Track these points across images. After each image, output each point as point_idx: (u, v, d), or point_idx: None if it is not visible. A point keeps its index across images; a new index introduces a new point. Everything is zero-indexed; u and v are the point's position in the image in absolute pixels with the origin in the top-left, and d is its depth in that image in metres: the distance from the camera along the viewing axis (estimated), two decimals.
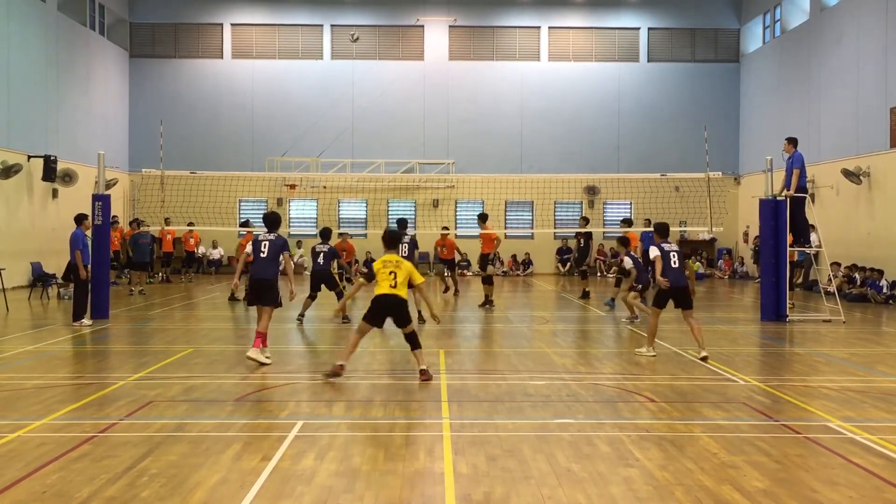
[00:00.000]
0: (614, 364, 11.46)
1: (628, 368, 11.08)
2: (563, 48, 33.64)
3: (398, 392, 9.30)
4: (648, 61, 33.67)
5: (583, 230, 21.84)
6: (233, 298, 19.71)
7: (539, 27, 33.53)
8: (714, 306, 20.61)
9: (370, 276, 10.08)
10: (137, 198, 30.19)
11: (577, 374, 10.46)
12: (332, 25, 33.36)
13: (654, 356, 11.65)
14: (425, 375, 9.81)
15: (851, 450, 6.93)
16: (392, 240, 10.40)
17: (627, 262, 16.11)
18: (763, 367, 11.44)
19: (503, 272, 31.84)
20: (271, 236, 11.33)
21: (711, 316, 17.85)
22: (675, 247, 11.75)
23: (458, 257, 20.34)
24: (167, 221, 18.73)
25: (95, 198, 16.28)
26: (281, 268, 11.22)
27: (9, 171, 22.85)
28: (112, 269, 23.74)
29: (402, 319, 9.85)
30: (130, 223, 25.57)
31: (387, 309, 9.84)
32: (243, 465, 6.46)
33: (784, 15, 30.07)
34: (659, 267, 11.45)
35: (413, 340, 9.95)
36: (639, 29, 33.70)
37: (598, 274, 31.96)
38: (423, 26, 33.30)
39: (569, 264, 31.87)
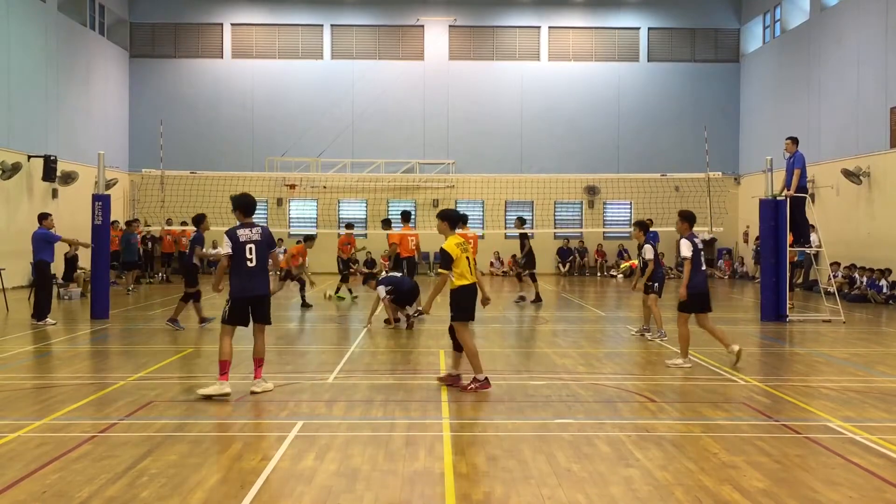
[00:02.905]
0: (614, 364, 11.45)
1: (628, 368, 11.08)
2: (563, 48, 33.63)
3: (398, 392, 9.30)
4: (648, 61, 33.67)
5: (520, 231, 20.10)
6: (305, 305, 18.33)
7: (539, 27, 33.53)
8: (714, 306, 20.59)
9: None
10: (137, 198, 30.19)
11: (577, 374, 10.46)
12: (332, 25, 33.37)
13: (690, 367, 10.83)
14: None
15: (851, 450, 6.93)
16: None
17: (649, 252, 13.60)
18: (763, 367, 11.44)
19: (503, 272, 31.83)
20: (255, 234, 8.97)
21: (711, 316, 17.83)
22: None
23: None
24: (168, 222, 18.72)
25: (95, 198, 16.28)
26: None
27: (10, 172, 22.86)
28: (112, 269, 23.75)
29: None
30: (128, 223, 25.61)
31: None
32: (243, 465, 6.46)
33: (784, 15, 30.07)
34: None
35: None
36: (639, 29, 33.70)
37: (599, 274, 31.98)
38: (423, 26, 33.30)
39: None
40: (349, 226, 21.69)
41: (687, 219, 11.18)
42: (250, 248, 8.84)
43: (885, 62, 23.14)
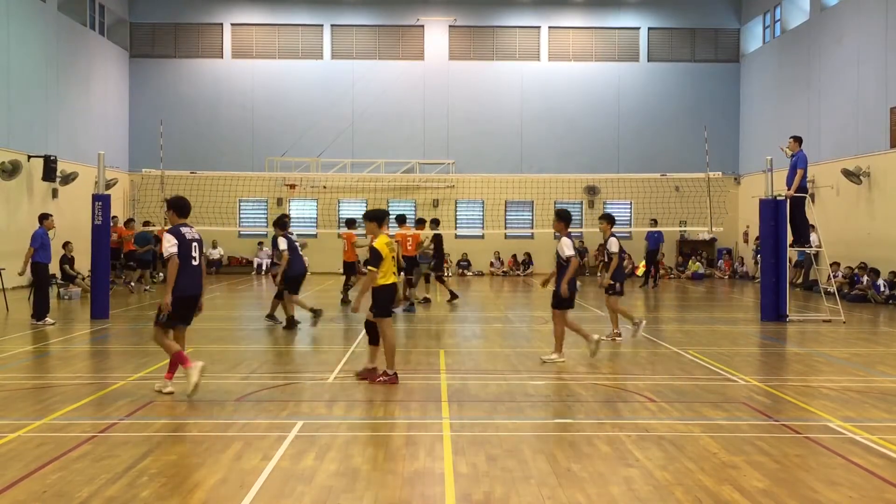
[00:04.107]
0: (614, 364, 11.45)
1: (628, 368, 11.08)
2: (563, 48, 33.62)
3: (398, 392, 9.30)
4: (648, 61, 33.65)
5: (434, 232, 19.71)
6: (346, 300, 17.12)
7: (539, 27, 33.52)
8: (714, 306, 20.62)
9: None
10: (137, 198, 30.18)
11: (577, 374, 10.46)
12: (332, 25, 33.36)
13: (563, 361, 11.20)
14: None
15: (851, 450, 6.93)
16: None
17: (614, 245, 13.40)
18: (763, 367, 11.44)
19: (503, 272, 31.83)
20: (196, 234, 9.16)
21: (711, 316, 17.85)
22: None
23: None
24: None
25: (95, 198, 16.28)
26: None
27: (13, 172, 22.86)
28: (128, 268, 23.90)
29: None
30: (126, 223, 25.65)
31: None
32: (243, 465, 6.46)
33: (784, 15, 30.06)
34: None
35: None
36: (639, 29, 33.69)
37: (599, 274, 31.95)
38: (423, 26, 33.29)
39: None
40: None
41: (564, 218, 11.45)
42: (195, 247, 9.03)
43: (885, 62, 23.13)
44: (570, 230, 11.45)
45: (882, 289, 20.48)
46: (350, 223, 19.56)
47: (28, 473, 6.17)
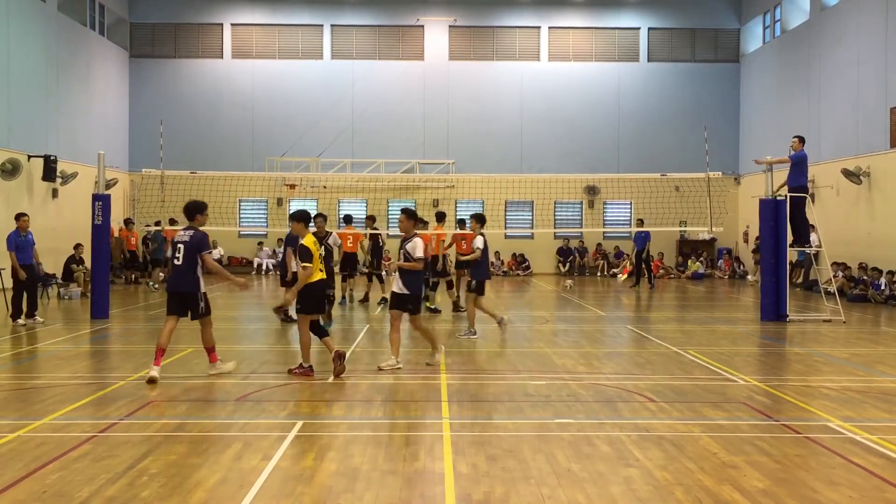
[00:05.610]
0: (614, 364, 11.45)
1: (628, 368, 11.08)
2: (563, 48, 33.62)
3: (398, 392, 9.30)
4: (648, 61, 33.65)
5: (371, 230, 19.73)
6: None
7: (539, 27, 33.52)
8: (714, 306, 20.62)
9: None
10: (137, 198, 30.16)
11: (577, 374, 10.46)
12: (332, 25, 33.36)
13: (400, 367, 10.67)
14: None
15: (851, 450, 6.93)
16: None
17: (479, 242, 13.91)
18: (763, 367, 11.44)
19: (503, 272, 31.81)
20: (186, 236, 9.80)
21: (711, 316, 17.85)
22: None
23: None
24: (171, 222, 18.70)
25: (95, 198, 16.28)
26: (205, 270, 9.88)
27: (13, 172, 22.84)
28: (133, 268, 23.84)
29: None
30: (125, 222, 25.67)
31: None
32: (243, 465, 6.46)
33: (784, 15, 30.06)
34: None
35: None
36: (639, 29, 33.68)
37: (599, 274, 31.97)
38: (423, 26, 33.29)
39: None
40: (441, 217, 18.93)
41: (413, 217, 11.13)
42: (179, 248, 9.82)
43: (885, 62, 23.13)
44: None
45: (882, 288, 20.48)
46: (440, 217, 18.81)
47: (28, 473, 6.17)
